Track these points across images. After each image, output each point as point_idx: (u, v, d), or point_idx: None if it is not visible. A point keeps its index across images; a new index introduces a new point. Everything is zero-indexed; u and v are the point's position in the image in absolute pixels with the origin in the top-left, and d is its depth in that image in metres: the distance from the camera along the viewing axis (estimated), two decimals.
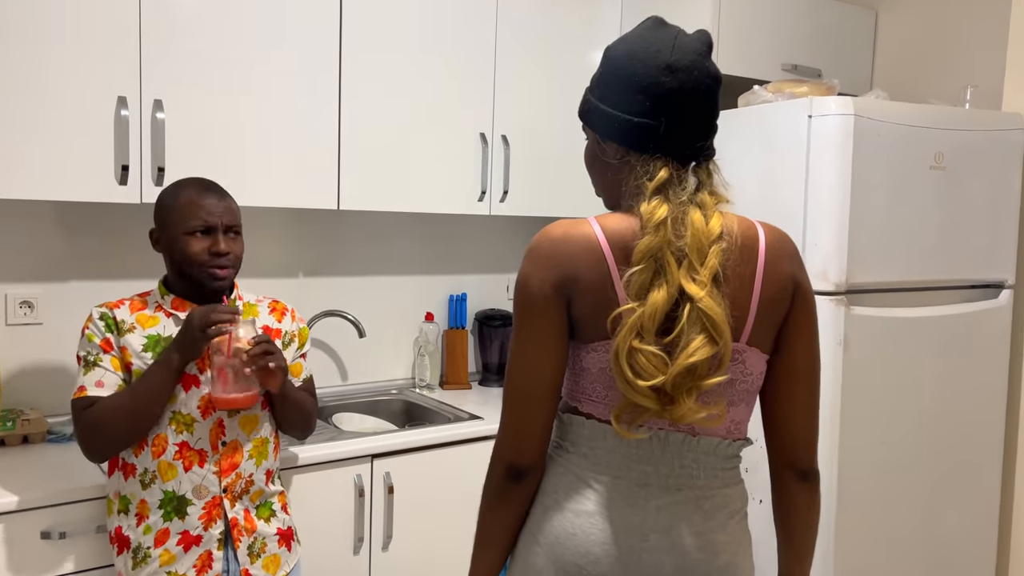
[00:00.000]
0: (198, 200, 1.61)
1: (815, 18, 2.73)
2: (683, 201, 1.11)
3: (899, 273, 2.17)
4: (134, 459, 1.60)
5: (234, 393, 1.56)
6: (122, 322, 1.61)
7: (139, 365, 1.59)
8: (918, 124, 2.13)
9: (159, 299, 1.67)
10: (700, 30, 1.16)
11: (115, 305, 1.64)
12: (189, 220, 1.59)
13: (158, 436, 1.59)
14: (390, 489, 2.07)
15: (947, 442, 2.29)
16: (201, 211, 1.60)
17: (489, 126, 2.47)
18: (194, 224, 1.59)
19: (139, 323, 1.62)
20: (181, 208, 1.61)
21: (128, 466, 1.60)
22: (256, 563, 1.66)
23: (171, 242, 1.62)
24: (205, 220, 1.60)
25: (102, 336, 1.60)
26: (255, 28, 2.04)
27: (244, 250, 1.69)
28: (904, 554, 2.25)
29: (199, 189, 1.64)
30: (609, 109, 1.16)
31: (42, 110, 1.79)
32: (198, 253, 1.59)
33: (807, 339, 1.19)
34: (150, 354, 1.60)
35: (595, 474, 1.16)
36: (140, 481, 1.59)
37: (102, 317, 1.61)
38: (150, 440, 1.58)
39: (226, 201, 1.65)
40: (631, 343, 1.06)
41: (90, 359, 1.59)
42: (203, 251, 1.60)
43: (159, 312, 1.65)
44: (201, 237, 1.60)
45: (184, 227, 1.60)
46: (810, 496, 1.24)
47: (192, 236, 1.60)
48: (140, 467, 1.59)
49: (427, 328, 2.70)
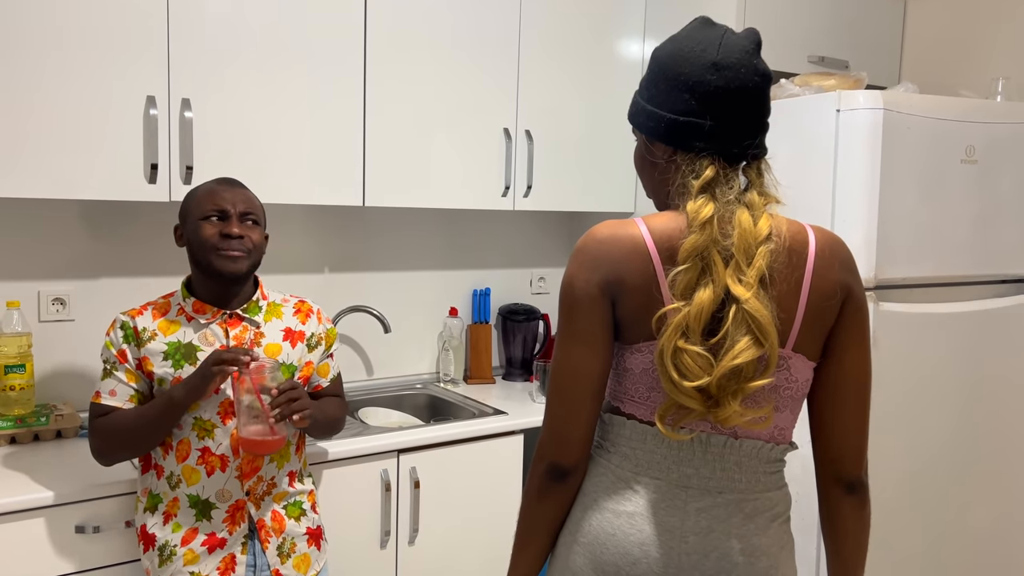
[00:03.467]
0: (215, 189, 1.64)
1: (842, 9, 2.70)
2: (730, 200, 1.09)
3: (929, 268, 2.14)
4: (162, 461, 1.62)
5: (257, 436, 1.55)
6: (143, 331, 1.63)
7: (160, 373, 1.61)
8: (948, 117, 2.11)
9: (181, 301, 1.67)
10: (749, 28, 1.15)
11: (138, 312, 1.65)
12: (204, 206, 1.62)
13: (181, 441, 1.60)
14: (416, 483, 2.09)
15: (978, 438, 2.27)
16: (216, 197, 1.62)
17: (513, 121, 2.46)
18: (208, 209, 1.61)
19: (160, 330, 1.63)
20: (199, 198, 1.64)
21: (158, 467, 1.63)
22: (287, 563, 1.67)
23: (190, 233, 1.63)
24: (219, 205, 1.61)
25: (119, 347, 1.63)
26: (281, 27, 2.04)
27: (266, 243, 1.69)
28: (935, 551, 2.23)
29: (218, 181, 1.67)
30: (656, 109, 1.15)
31: (73, 110, 1.81)
32: (210, 236, 1.60)
33: (857, 348, 1.16)
34: (170, 361, 1.61)
35: (635, 475, 1.16)
36: (167, 481, 1.61)
37: (123, 327, 1.63)
38: (174, 444, 1.60)
39: (243, 191, 1.67)
40: (676, 343, 1.05)
41: (107, 367, 1.64)
42: (215, 234, 1.60)
43: (180, 316, 1.65)
44: (215, 222, 1.61)
45: (199, 213, 1.61)
46: (857, 510, 1.21)
47: (206, 221, 1.61)
48: (167, 469, 1.61)
49: (451, 323, 2.70)
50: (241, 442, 1.57)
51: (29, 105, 1.76)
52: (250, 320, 1.68)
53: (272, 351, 1.68)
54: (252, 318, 1.68)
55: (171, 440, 1.61)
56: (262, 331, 1.69)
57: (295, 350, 1.71)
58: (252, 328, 1.68)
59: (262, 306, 1.71)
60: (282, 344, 1.70)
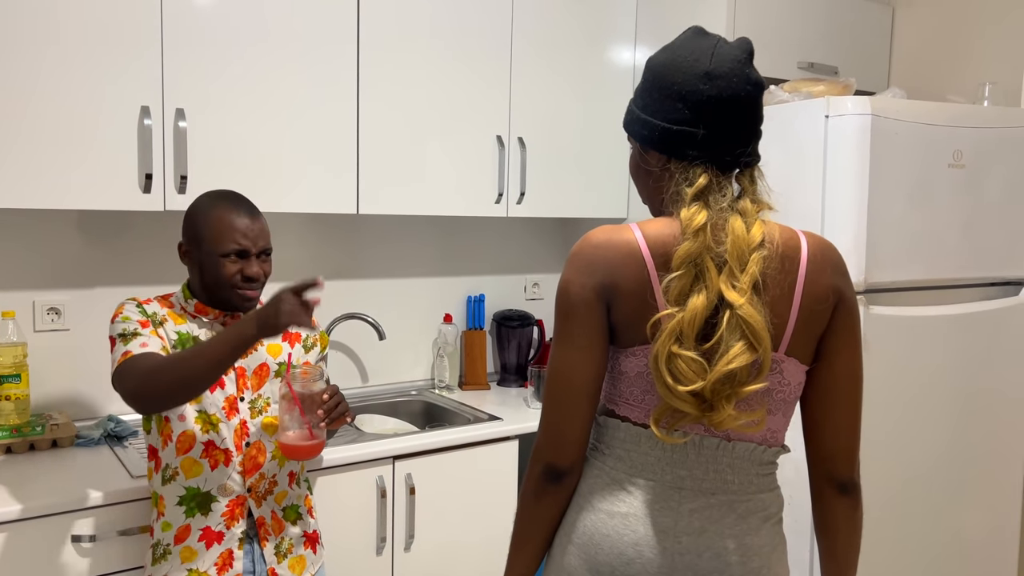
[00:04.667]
0: (232, 222, 1.60)
1: (831, 15, 2.73)
2: (723, 208, 1.11)
3: (918, 272, 2.16)
4: (160, 452, 1.62)
5: (302, 442, 1.58)
6: (154, 314, 1.62)
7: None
8: (936, 122, 2.13)
9: (182, 302, 1.68)
10: (742, 38, 1.16)
11: (145, 301, 1.66)
12: (225, 243, 1.58)
13: (184, 433, 1.60)
14: (412, 490, 2.09)
15: (968, 441, 2.29)
16: (236, 234, 1.59)
17: (505, 128, 2.48)
18: (229, 248, 1.59)
19: (170, 318, 1.64)
20: (214, 228, 1.59)
21: (157, 461, 1.63)
22: (283, 563, 1.68)
23: (203, 260, 1.61)
24: (240, 243, 1.59)
25: (138, 318, 1.58)
26: (273, 37, 2.06)
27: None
28: (925, 556, 2.25)
29: (231, 207, 1.62)
30: (649, 118, 1.17)
31: (67, 120, 1.81)
32: (231, 276, 1.60)
33: (849, 351, 1.18)
34: (178, 350, 1.61)
35: (629, 476, 1.17)
36: (161, 477, 1.61)
37: (137, 306, 1.62)
38: (175, 436, 1.60)
39: (260, 223, 1.64)
40: (670, 348, 1.07)
41: (128, 333, 1.55)
42: (236, 274, 1.60)
43: (184, 313, 1.67)
44: (235, 260, 1.60)
45: (219, 249, 1.59)
46: (850, 510, 1.22)
47: (226, 259, 1.59)
48: (163, 462, 1.61)
49: (446, 329, 2.71)
50: (284, 450, 1.59)
51: (22, 115, 1.77)
52: None
53: (273, 351, 1.70)
54: None
55: (171, 432, 1.60)
56: None
57: (294, 350, 1.75)
58: None
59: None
60: (281, 344, 1.73)
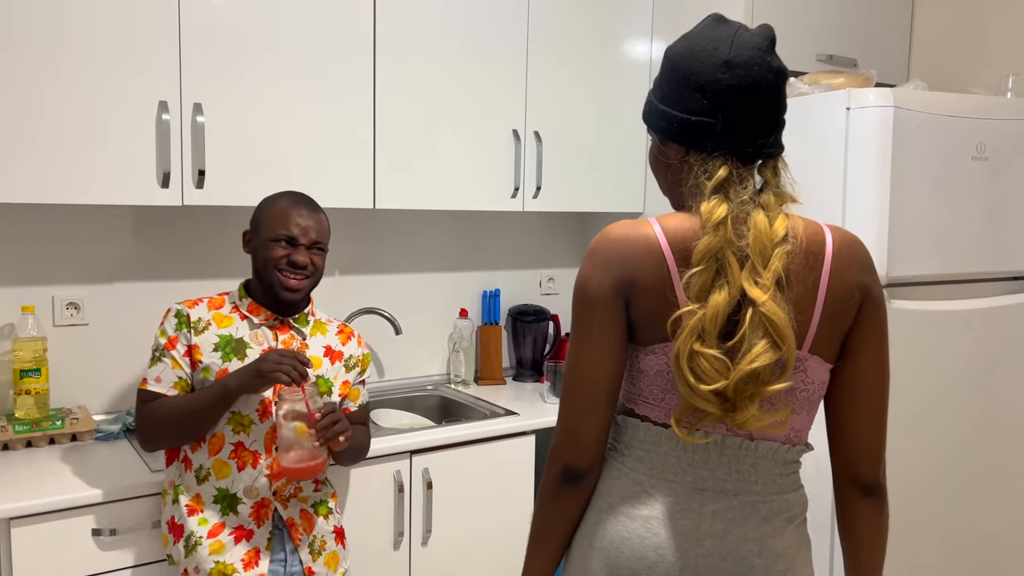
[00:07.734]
0: (289, 212, 1.68)
1: (850, 6, 2.69)
2: (744, 201, 1.07)
3: (940, 266, 2.14)
4: (192, 455, 1.64)
5: (299, 463, 1.57)
6: (197, 320, 1.67)
7: (208, 362, 1.64)
8: (959, 114, 2.10)
9: (237, 300, 1.73)
10: (763, 25, 1.12)
11: (193, 304, 1.70)
12: (277, 228, 1.66)
13: (215, 435, 1.63)
14: (429, 484, 2.09)
15: (989, 436, 2.26)
16: (290, 222, 1.67)
17: (522, 122, 2.47)
18: (280, 232, 1.66)
19: (215, 321, 1.68)
20: (273, 214, 1.68)
21: (187, 460, 1.65)
22: (318, 560, 1.70)
23: (258, 246, 1.68)
24: (291, 231, 1.66)
25: (170, 335, 1.67)
26: (290, 31, 2.05)
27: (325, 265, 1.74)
28: (945, 551, 2.22)
29: (295, 200, 1.71)
30: (668, 109, 1.13)
31: (83, 115, 1.82)
32: (277, 259, 1.65)
33: (875, 349, 1.14)
34: (220, 353, 1.64)
35: (650, 478, 1.14)
36: (196, 476, 1.63)
37: (177, 315, 1.68)
38: (207, 437, 1.63)
39: (316, 217, 1.71)
40: (692, 346, 1.04)
41: (156, 354, 1.68)
42: (282, 258, 1.66)
43: (235, 313, 1.70)
44: (284, 246, 1.66)
45: (271, 233, 1.66)
46: (876, 513, 1.19)
47: (276, 243, 1.65)
48: (196, 463, 1.64)
49: (461, 324, 2.71)
50: (283, 471, 1.59)
51: (40, 111, 1.78)
52: (298, 330, 1.75)
53: (313, 365, 1.71)
54: (300, 328, 1.75)
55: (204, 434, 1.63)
56: (307, 343, 1.75)
57: (333, 367, 1.77)
58: (298, 338, 1.75)
59: (310, 320, 1.78)
60: (323, 359, 1.75)
